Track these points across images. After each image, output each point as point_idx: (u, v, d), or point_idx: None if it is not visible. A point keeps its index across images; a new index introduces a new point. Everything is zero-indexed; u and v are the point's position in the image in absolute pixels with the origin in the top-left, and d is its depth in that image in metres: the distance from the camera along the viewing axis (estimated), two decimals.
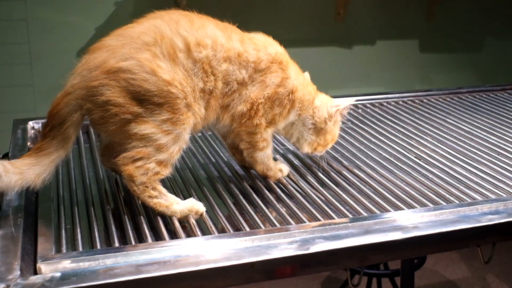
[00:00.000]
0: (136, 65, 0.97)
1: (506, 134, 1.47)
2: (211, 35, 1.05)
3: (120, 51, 0.98)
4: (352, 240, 0.91)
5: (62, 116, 0.98)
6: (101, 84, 0.96)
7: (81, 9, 2.51)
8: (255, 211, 1.05)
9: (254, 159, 1.18)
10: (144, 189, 1.01)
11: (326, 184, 1.17)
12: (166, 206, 1.01)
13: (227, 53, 1.06)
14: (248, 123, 1.13)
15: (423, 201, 1.08)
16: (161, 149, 0.99)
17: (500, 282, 2.73)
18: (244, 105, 1.11)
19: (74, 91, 0.98)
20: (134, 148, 0.99)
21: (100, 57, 0.98)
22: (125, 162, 0.99)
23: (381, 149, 1.36)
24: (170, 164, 1.02)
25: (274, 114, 1.15)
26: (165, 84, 0.98)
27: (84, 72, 0.98)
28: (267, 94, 1.12)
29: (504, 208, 1.03)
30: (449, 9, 3.23)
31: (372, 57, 3.01)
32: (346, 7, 2.79)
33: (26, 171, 0.96)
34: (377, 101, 1.77)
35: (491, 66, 3.43)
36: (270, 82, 1.12)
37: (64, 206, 1.04)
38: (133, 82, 0.96)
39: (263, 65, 1.11)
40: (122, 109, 0.97)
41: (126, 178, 1.00)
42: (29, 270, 0.82)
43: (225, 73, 1.07)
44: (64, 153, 1.00)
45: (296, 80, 1.17)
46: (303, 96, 1.19)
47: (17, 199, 1.03)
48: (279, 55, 1.15)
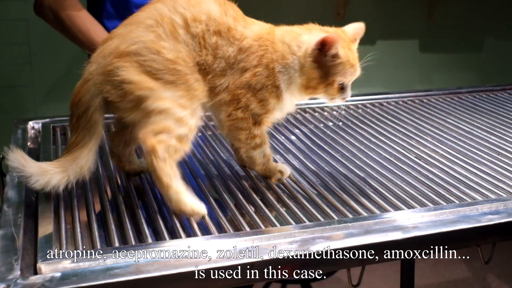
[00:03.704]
0: (143, 48, 1.02)
1: (506, 134, 1.47)
2: (205, 10, 1.08)
3: (129, 36, 1.04)
4: (352, 240, 0.91)
5: (85, 103, 1.03)
6: (116, 67, 1.02)
7: None
8: (255, 211, 1.05)
9: (251, 159, 1.17)
10: (163, 166, 1.01)
11: (326, 184, 1.17)
12: (175, 192, 1.01)
13: (218, 27, 1.08)
14: (234, 116, 1.11)
15: (423, 201, 1.08)
16: (180, 122, 1.03)
17: (500, 282, 2.73)
18: (227, 94, 1.10)
19: (92, 78, 1.03)
20: (155, 123, 1.02)
21: (112, 44, 1.04)
22: (147, 136, 1.02)
23: (381, 149, 1.36)
24: (189, 140, 1.05)
25: (260, 101, 1.10)
26: (170, 63, 1.03)
27: (100, 59, 1.04)
28: (244, 79, 1.09)
29: (504, 208, 1.03)
30: (449, 9, 3.23)
31: (372, 57, 3.01)
32: (346, 7, 2.79)
33: (69, 167, 1.01)
34: (377, 101, 1.77)
35: (491, 66, 3.43)
36: (249, 65, 1.10)
37: (64, 206, 1.04)
38: (143, 63, 1.02)
39: (245, 44, 1.10)
40: (138, 86, 1.01)
41: (149, 151, 1.01)
42: (29, 270, 0.82)
43: (214, 47, 1.08)
44: (98, 138, 1.05)
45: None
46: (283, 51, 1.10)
47: (17, 199, 1.03)
48: (262, 31, 1.11)
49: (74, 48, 2.59)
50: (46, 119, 1.49)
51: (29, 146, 1.35)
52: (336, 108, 1.69)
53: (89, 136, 1.03)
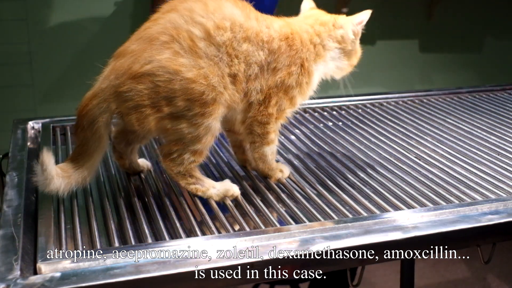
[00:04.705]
0: (158, 67, 0.98)
1: (506, 134, 1.47)
2: (229, 16, 1.04)
3: (142, 55, 0.99)
4: (352, 240, 0.91)
5: (92, 116, 1.01)
6: (129, 89, 0.99)
7: (81, 9, 2.51)
8: (255, 211, 1.05)
9: (260, 156, 1.17)
10: (182, 177, 1.07)
11: (326, 184, 1.17)
12: (203, 191, 1.08)
13: (246, 33, 1.05)
14: (264, 112, 1.12)
15: (423, 201, 1.08)
16: (194, 140, 1.03)
17: (500, 282, 2.73)
18: (260, 94, 1.10)
19: (104, 95, 1.01)
20: (171, 142, 1.05)
21: (125, 62, 1.00)
22: (163, 155, 1.06)
23: (381, 149, 1.36)
24: (205, 152, 1.07)
25: (291, 97, 1.14)
26: (188, 82, 0.99)
27: (112, 77, 1.00)
28: (279, 79, 1.11)
29: (504, 208, 1.03)
30: (449, 9, 3.23)
31: (372, 57, 3.01)
32: (346, 7, 2.79)
33: (73, 174, 1.01)
34: (377, 101, 1.77)
35: (491, 66, 3.43)
36: (281, 65, 1.10)
37: (64, 206, 1.04)
38: (159, 84, 0.99)
39: (275, 45, 1.09)
40: (154, 110, 1.00)
41: (165, 169, 1.08)
42: (29, 270, 0.82)
43: (246, 54, 1.05)
44: (102, 151, 1.05)
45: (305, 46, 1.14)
46: (316, 44, 1.15)
47: (17, 199, 1.03)
48: (283, 29, 1.12)
49: (74, 48, 2.60)
50: (46, 119, 1.49)
51: (29, 146, 1.35)
52: (337, 108, 1.69)
53: (93, 148, 1.03)
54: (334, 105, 1.71)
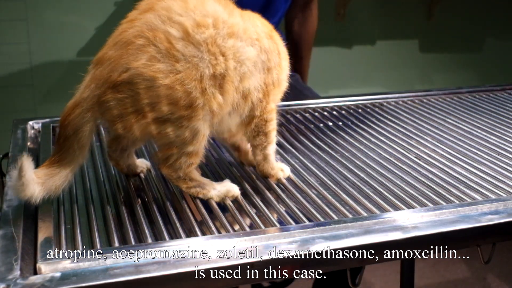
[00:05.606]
0: (135, 75, 0.95)
1: (506, 134, 1.47)
2: (211, 12, 0.99)
3: (119, 62, 0.96)
4: (352, 240, 0.91)
5: (75, 126, 0.98)
6: (110, 99, 0.96)
7: (81, 9, 2.51)
8: (255, 211, 1.05)
9: (265, 156, 1.17)
10: (182, 181, 1.07)
11: (326, 184, 1.17)
12: (203, 193, 1.08)
13: (231, 29, 1.01)
14: (267, 108, 1.13)
15: (423, 201, 1.08)
16: (185, 143, 1.02)
17: (500, 282, 2.73)
18: (260, 92, 1.10)
19: (86, 105, 0.98)
20: (164, 148, 1.04)
21: (104, 71, 0.97)
22: (158, 161, 1.06)
23: (381, 149, 1.36)
24: (201, 152, 1.06)
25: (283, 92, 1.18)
26: (166, 88, 0.96)
27: (93, 86, 0.97)
28: (276, 76, 1.13)
29: (504, 208, 1.03)
30: (449, 9, 3.23)
31: (372, 57, 3.01)
32: (346, 6, 2.79)
33: (46, 181, 0.96)
34: (377, 101, 1.77)
35: (491, 66, 3.43)
36: (273, 64, 1.11)
37: (64, 206, 1.04)
38: (139, 91, 0.96)
39: (265, 44, 1.09)
40: (139, 117, 0.98)
41: (165, 176, 1.09)
42: (29, 270, 0.82)
43: (234, 50, 1.01)
44: (82, 160, 1.02)
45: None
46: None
47: (17, 199, 1.02)
48: (265, 27, 1.13)
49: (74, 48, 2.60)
50: (46, 119, 1.49)
51: (29, 146, 1.35)
52: (337, 108, 1.69)
53: (73, 157, 0.99)
54: (334, 105, 1.71)
